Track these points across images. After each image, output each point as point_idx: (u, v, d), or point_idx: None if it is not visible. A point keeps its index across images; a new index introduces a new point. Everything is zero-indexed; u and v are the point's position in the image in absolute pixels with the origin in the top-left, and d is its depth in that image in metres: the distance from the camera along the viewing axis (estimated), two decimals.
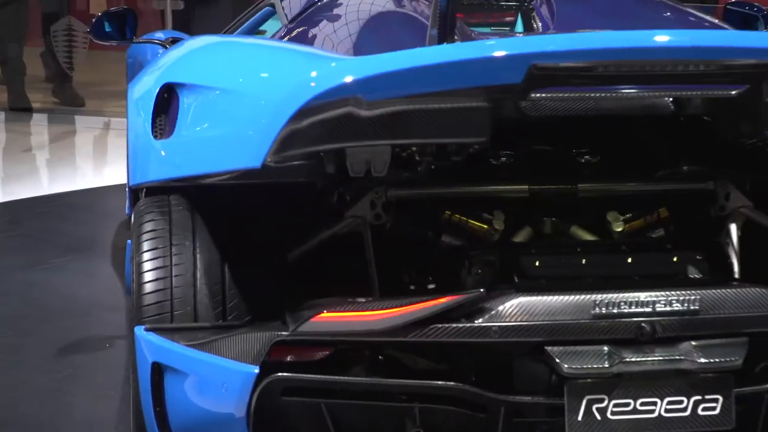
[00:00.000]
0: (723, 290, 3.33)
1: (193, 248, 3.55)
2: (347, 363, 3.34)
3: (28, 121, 9.00)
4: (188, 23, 8.03)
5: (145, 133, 3.65)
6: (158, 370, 3.44)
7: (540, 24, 4.76)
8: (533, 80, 3.09)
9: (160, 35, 6.33)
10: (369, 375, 3.31)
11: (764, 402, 3.31)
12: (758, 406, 3.31)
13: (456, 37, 4.23)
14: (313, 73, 3.24)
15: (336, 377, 3.27)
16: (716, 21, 4.94)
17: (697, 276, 3.50)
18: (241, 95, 3.44)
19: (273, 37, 5.03)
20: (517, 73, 3.07)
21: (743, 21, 5.74)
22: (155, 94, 3.68)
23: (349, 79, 3.13)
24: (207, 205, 3.65)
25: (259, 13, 5.39)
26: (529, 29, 4.82)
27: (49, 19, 9.26)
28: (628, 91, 3.43)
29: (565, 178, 3.70)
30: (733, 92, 3.33)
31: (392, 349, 3.34)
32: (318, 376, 3.25)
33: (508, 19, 5.11)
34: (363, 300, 3.36)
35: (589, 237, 3.71)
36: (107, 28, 5.78)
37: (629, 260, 3.53)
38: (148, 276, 3.54)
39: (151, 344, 3.44)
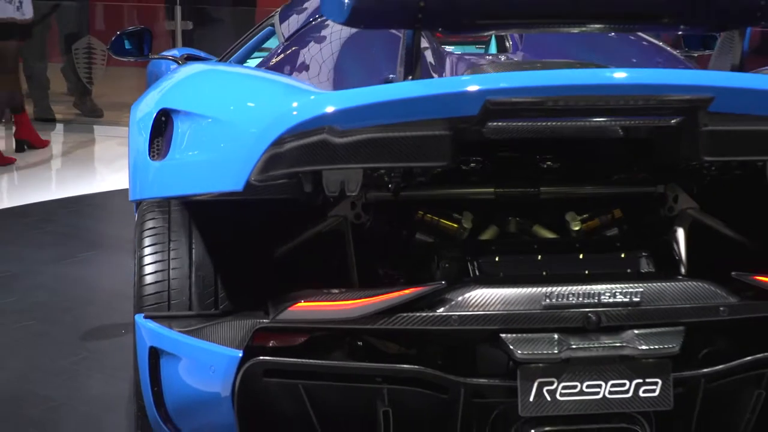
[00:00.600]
0: (663, 283, 3.34)
1: (189, 245, 3.58)
2: (324, 348, 3.34)
3: (52, 130, 8.91)
4: (196, 41, 8.05)
5: (143, 153, 3.63)
6: (155, 354, 3.47)
7: (511, 43, 4.74)
8: (489, 113, 3.11)
9: (175, 52, 6.36)
10: (343, 359, 3.32)
11: (701, 385, 3.30)
12: (696, 389, 3.30)
13: (429, 60, 4.25)
14: (292, 104, 3.25)
15: (312, 361, 3.26)
16: (672, 52, 4.91)
17: (641, 270, 3.52)
18: (226, 124, 3.45)
19: (270, 54, 5.00)
20: (474, 107, 3.10)
21: (702, 44, 5.65)
22: (153, 118, 3.66)
23: (322, 111, 3.15)
24: (203, 206, 3.67)
25: (262, 32, 5.37)
26: (501, 49, 4.77)
27: (70, 39, 9.19)
28: (576, 122, 3.46)
29: (528, 182, 3.71)
30: (672, 122, 3.34)
31: (363, 335, 3.35)
32: (295, 360, 3.26)
33: (484, 36, 5.10)
34: (337, 291, 3.34)
35: (549, 235, 3.73)
36: (126, 46, 5.77)
37: (581, 256, 3.55)
38: (148, 269, 3.58)
39: (148, 330, 3.47)
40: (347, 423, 3.39)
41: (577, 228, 3.69)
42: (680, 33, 4.55)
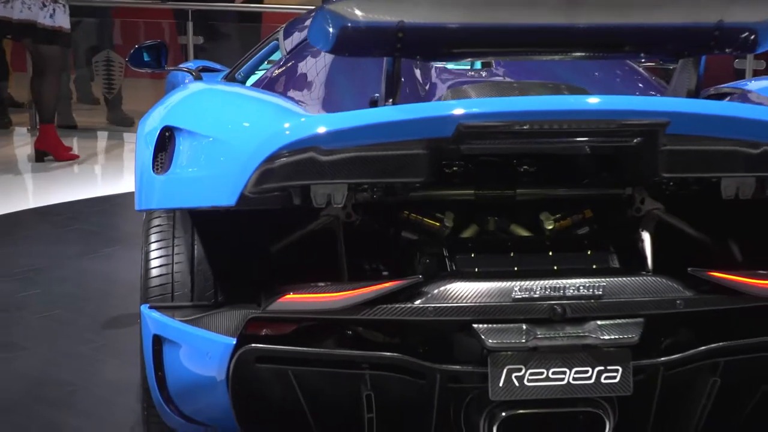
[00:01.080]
0: (624, 278, 3.37)
1: (192, 242, 3.63)
2: (313, 336, 3.35)
3: (76, 137, 8.89)
4: (207, 55, 8.03)
5: (147, 167, 3.62)
6: (158, 341, 3.51)
7: (494, 62, 4.69)
8: (462, 135, 3.18)
9: (190, 64, 6.34)
10: (331, 347, 3.34)
11: (660, 373, 3.31)
12: (655, 377, 3.32)
13: (417, 76, 4.32)
14: (281, 126, 3.31)
15: (299, 348, 3.29)
16: (644, 74, 4.85)
17: (606, 267, 3.53)
18: (221, 143, 3.47)
19: (272, 67, 4.99)
20: (448, 130, 3.16)
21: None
22: (157, 134, 3.68)
23: (309, 134, 3.22)
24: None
25: (268, 47, 5.37)
26: (486, 65, 4.70)
27: (90, 52, 9.19)
28: (544, 143, 3.55)
29: (505, 184, 3.74)
30: (633, 142, 3.37)
31: (351, 325, 3.37)
32: (285, 347, 3.29)
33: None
34: (323, 284, 3.38)
35: (524, 233, 3.72)
36: (145, 58, 5.78)
37: (550, 253, 3.56)
38: (153, 263, 3.64)
39: (153, 319, 3.52)
40: (334, 406, 3.40)
41: (550, 227, 3.70)
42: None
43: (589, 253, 3.57)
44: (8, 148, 8.63)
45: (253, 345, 3.26)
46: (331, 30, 3.34)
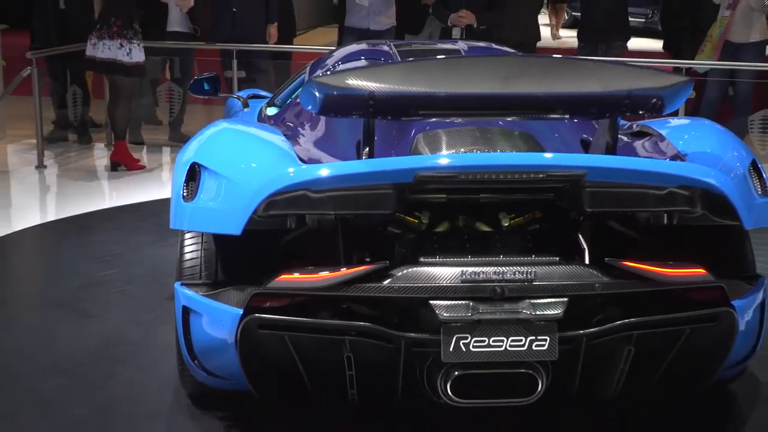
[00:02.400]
0: (554, 266, 3.43)
1: (215, 236, 3.66)
2: (304, 308, 3.39)
3: (144, 151, 8.90)
4: (248, 86, 7.95)
5: (178, 194, 3.68)
6: (186, 311, 3.62)
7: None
8: (420, 181, 3.29)
9: (242, 93, 6.25)
10: (317, 317, 3.37)
11: (583, 343, 3.34)
12: (579, 346, 3.35)
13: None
14: (279, 173, 3.39)
15: (292, 318, 3.35)
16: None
17: (541, 257, 3.53)
18: (232, 183, 3.51)
19: (294, 99, 4.91)
20: (409, 178, 3.28)
21: None
22: (187, 169, 3.71)
23: (300, 180, 3.33)
24: None
25: (298, 80, 5.28)
26: None
27: (154, 83, 9.13)
28: (490, 186, 3.55)
29: (471, 190, 3.70)
30: (562, 186, 3.42)
31: (331, 300, 3.39)
32: (281, 317, 3.35)
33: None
34: (312, 267, 3.40)
35: (486, 229, 3.71)
36: (205, 87, 5.76)
37: (498, 244, 3.61)
38: (186, 250, 3.74)
39: (183, 294, 3.62)
40: (322, 364, 3.44)
41: (506, 224, 3.70)
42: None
43: (530, 246, 3.61)
44: (89, 160, 8.61)
45: (256, 315, 3.34)
46: (318, 97, 3.44)
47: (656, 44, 11.01)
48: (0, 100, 8.38)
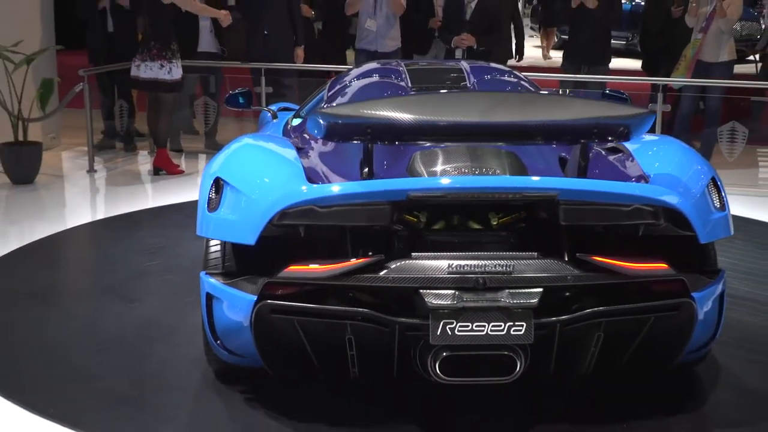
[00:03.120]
0: (531, 260, 3.44)
1: None
2: (312, 296, 3.43)
3: (183, 157, 8.87)
4: (276, 100, 7.98)
5: (203, 205, 3.75)
6: (210, 298, 3.68)
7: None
8: (411, 200, 3.35)
9: (273, 107, 6.22)
10: (322, 304, 3.41)
11: (557, 328, 3.38)
12: (554, 331, 3.39)
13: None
14: (288, 191, 3.47)
15: (300, 304, 3.40)
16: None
17: (521, 252, 3.53)
18: (248, 198, 3.57)
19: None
20: (402, 196, 3.33)
21: (617, 101, 5.51)
22: (212, 182, 3.77)
23: (307, 198, 3.41)
24: None
25: (319, 95, 5.30)
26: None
27: (192, 98, 9.12)
28: (476, 201, 3.56)
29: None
30: (538, 203, 3.51)
31: (334, 288, 3.43)
32: (290, 303, 3.41)
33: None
34: (317, 260, 3.46)
35: (478, 227, 3.71)
36: (240, 100, 5.78)
37: (483, 241, 3.64)
38: (211, 243, 3.78)
39: (207, 282, 3.68)
40: (327, 345, 3.48)
41: (495, 223, 3.70)
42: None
43: (512, 242, 3.64)
44: (134, 165, 8.63)
45: (268, 301, 3.41)
46: (322, 125, 3.47)
47: (636, 63, 11.01)
48: (56, 112, 8.39)
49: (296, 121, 5.20)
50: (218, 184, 3.74)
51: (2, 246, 5.98)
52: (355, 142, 3.68)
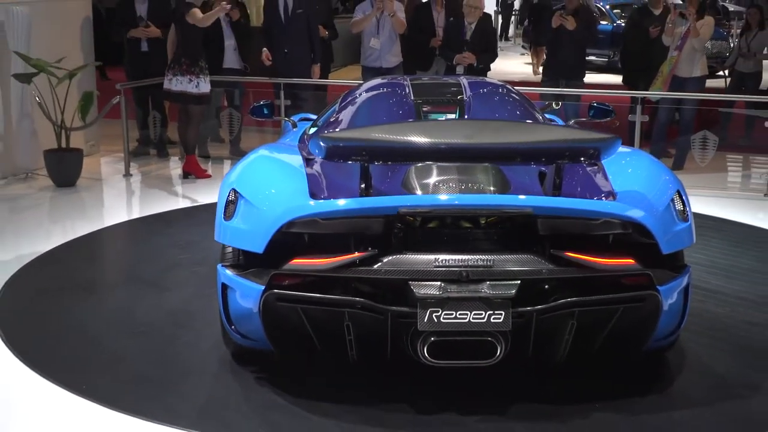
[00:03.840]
0: (509, 255, 3.47)
1: None
2: (315, 286, 3.46)
3: (210, 163, 8.85)
4: (294, 111, 7.95)
5: (220, 214, 3.80)
6: (225, 287, 3.72)
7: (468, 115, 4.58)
8: (402, 214, 3.38)
9: (294, 117, 6.22)
10: (323, 293, 3.44)
11: (534, 317, 3.39)
12: (530, 319, 3.41)
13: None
14: (292, 205, 3.52)
15: (303, 293, 3.44)
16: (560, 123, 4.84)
17: (501, 248, 3.55)
18: (258, 210, 3.62)
19: (327, 117, 4.96)
20: (393, 212, 3.36)
21: (603, 113, 5.62)
22: (228, 192, 3.81)
23: (310, 212, 3.46)
24: None
25: (333, 107, 5.26)
26: (461, 115, 4.61)
27: (218, 109, 9.13)
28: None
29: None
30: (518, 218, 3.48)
31: (333, 279, 3.45)
32: (294, 293, 3.45)
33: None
34: (319, 254, 3.49)
35: (468, 225, 3.67)
36: (265, 111, 5.78)
37: (469, 239, 3.62)
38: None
39: (223, 273, 3.70)
40: (328, 331, 3.50)
41: (483, 222, 3.67)
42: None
43: (495, 239, 3.64)
44: (166, 170, 8.65)
45: (274, 290, 3.46)
46: (323, 146, 3.46)
47: (617, 78, 11.01)
48: (95, 122, 8.41)
49: (312, 131, 5.21)
50: (234, 195, 3.77)
51: (47, 242, 6.01)
52: (352, 162, 3.68)
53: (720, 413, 3.60)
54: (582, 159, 3.64)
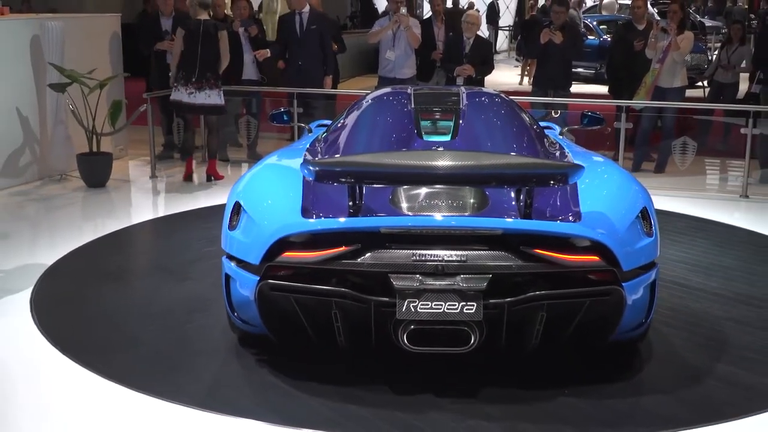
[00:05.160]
0: (482, 252, 3.44)
1: None
2: (306, 277, 3.48)
3: (228, 166, 8.83)
4: (306, 119, 7.95)
5: (226, 223, 3.83)
6: (228, 278, 3.77)
7: (461, 122, 4.48)
8: (383, 233, 3.41)
9: (312, 125, 6.00)
10: (312, 284, 3.45)
11: (505, 308, 3.39)
12: (503, 310, 3.41)
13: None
14: (287, 222, 3.54)
15: (294, 283, 3.46)
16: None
17: (475, 244, 3.47)
18: (256, 224, 3.63)
19: (335, 125, 4.86)
20: (376, 230, 3.42)
21: (596, 121, 5.63)
22: (233, 204, 3.83)
23: (302, 230, 3.49)
24: None
25: (343, 115, 5.10)
26: (457, 121, 4.49)
27: (237, 116, 9.15)
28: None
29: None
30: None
31: (323, 271, 3.46)
32: (286, 283, 3.48)
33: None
34: (308, 248, 3.50)
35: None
36: (285, 117, 5.74)
37: (447, 235, 3.49)
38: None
39: (226, 265, 3.79)
40: (318, 318, 3.53)
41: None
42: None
43: (470, 237, 3.50)
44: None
45: (268, 281, 3.50)
46: (314, 171, 3.46)
47: (603, 89, 11.03)
48: (124, 128, 8.51)
49: (324, 135, 5.20)
50: (238, 208, 3.80)
51: (79, 238, 6.06)
52: (341, 183, 3.61)
53: (685, 402, 3.59)
54: (551, 183, 3.52)
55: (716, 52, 11.25)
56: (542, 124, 5.61)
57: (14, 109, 7.73)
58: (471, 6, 18.17)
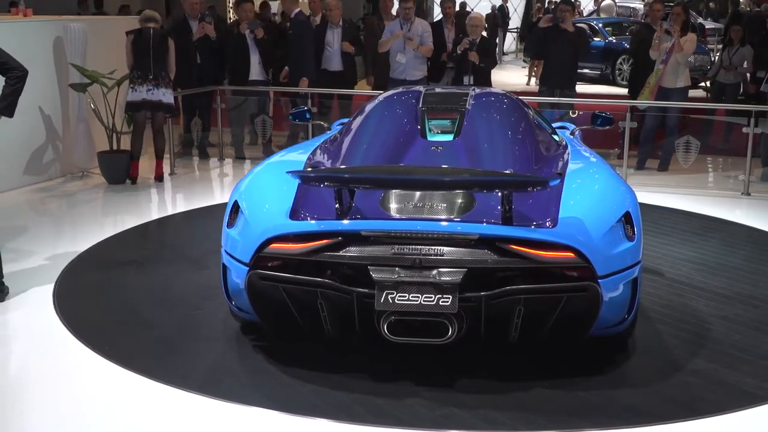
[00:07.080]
0: (459, 248, 3.42)
1: None
2: (293, 268, 3.51)
3: (246, 163, 8.86)
4: (319, 119, 7.76)
5: (226, 220, 3.85)
6: (225, 267, 3.81)
7: (465, 122, 4.41)
8: (365, 235, 3.43)
9: (335, 123, 5.94)
10: (299, 274, 3.48)
11: (481, 301, 3.37)
12: (480, 304, 3.40)
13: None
14: (278, 222, 3.57)
15: (281, 273, 3.50)
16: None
17: (452, 240, 3.45)
18: (248, 224, 3.66)
19: (345, 127, 4.77)
20: (358, 232, 3.44)
21: (607, 121, 5.55)
22: (232, 204, 3.86)
23: (283, 232, 3.51)
24: None
25: (357, 113, 5.01)
26: (461, 120, 4.44)
27: (253, 116, 9.16)
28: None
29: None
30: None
31: (309, 263, 3.48)
32: (274, 273, 3.51)
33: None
34: (295, 241, 3.52)
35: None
36: (306, 116, 5.75)
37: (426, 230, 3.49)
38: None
39: (224, 256, 3.82)
40: (306, 307, 3.56)
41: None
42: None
43: (449, 234, 3.47)
44: (206, 170, 8.66)
45: (257, 270, 3.54)
46: (299, 176, 3.49)
47: (608, 89, 11.00)
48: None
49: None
50: (237, 207, 3.82)
51: (100, 233, 6.07)
52: (327, 187, 3.66)
53: (664, 397, 3.51)
54: (529, 189, 3.50)
55: (718, 54, 11.17)
56: (558, 124, 5.55)
57: (37, 108, 7.75)
58: (463, 6, 18.65)
